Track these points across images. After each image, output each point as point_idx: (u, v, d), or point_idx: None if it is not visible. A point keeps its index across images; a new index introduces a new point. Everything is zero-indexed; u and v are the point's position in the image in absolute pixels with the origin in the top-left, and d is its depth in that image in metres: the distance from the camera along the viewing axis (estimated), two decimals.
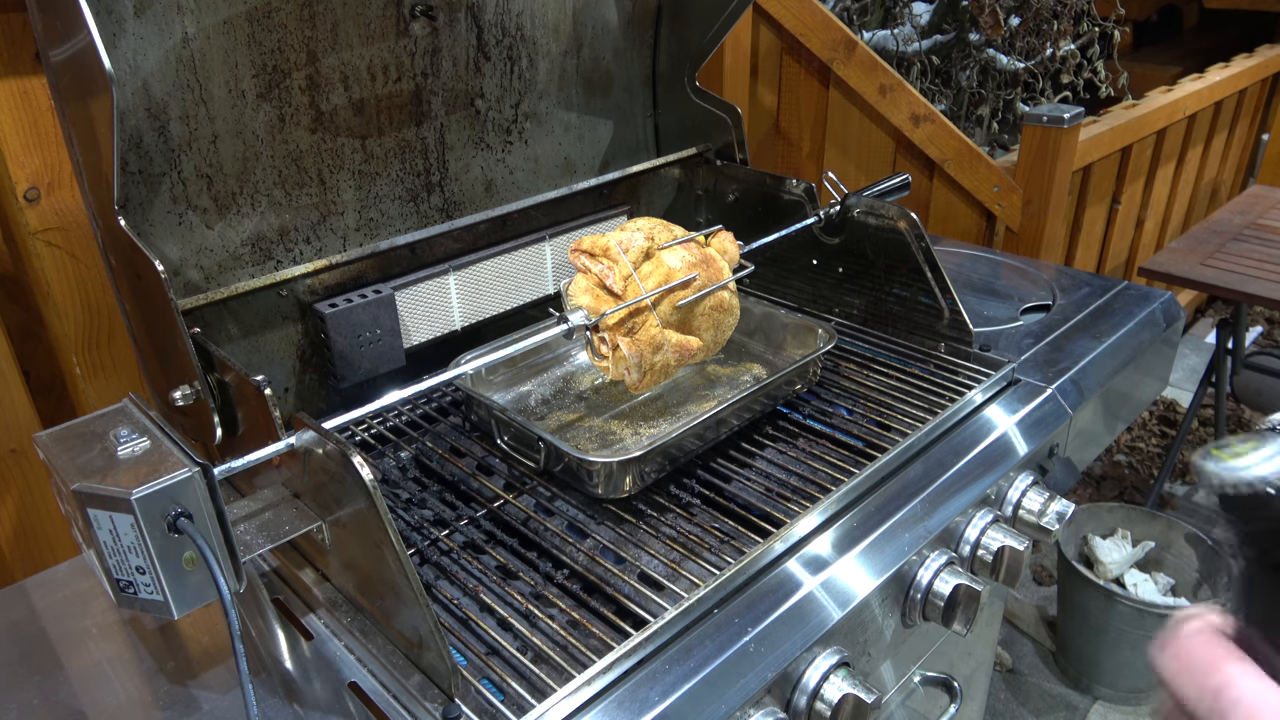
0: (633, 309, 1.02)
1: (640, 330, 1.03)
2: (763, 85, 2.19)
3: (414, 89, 1.16)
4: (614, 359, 1.04)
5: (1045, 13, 2.82)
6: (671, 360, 1.06)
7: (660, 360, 1.05)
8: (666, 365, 1.06)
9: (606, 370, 1.07)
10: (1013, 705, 2.19)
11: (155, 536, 0.70)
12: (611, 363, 1.05)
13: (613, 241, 1.05)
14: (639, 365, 1.03)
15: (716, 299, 1.10)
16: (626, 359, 1.03)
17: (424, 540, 0.96)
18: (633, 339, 1.02)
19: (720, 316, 1.11)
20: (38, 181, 1.09)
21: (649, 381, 1.06)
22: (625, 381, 1.06)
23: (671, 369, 1.07)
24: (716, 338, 1.12)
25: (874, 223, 1.26)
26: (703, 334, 1.10)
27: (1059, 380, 1.20)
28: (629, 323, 1.02)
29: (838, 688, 0.80)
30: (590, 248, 1.06)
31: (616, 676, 0.77)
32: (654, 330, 1.04)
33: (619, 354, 1.03)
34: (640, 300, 1.02)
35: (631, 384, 1.06)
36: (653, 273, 1.04)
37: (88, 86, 0.79)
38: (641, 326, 1.03)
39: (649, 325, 1.03)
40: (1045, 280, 1.53)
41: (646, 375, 1.05)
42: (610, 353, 1.04)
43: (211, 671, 0.84)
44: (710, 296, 1.09)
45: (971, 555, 1.00)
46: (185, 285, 1.03)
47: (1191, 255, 2.65)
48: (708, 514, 0.98)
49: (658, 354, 1.04)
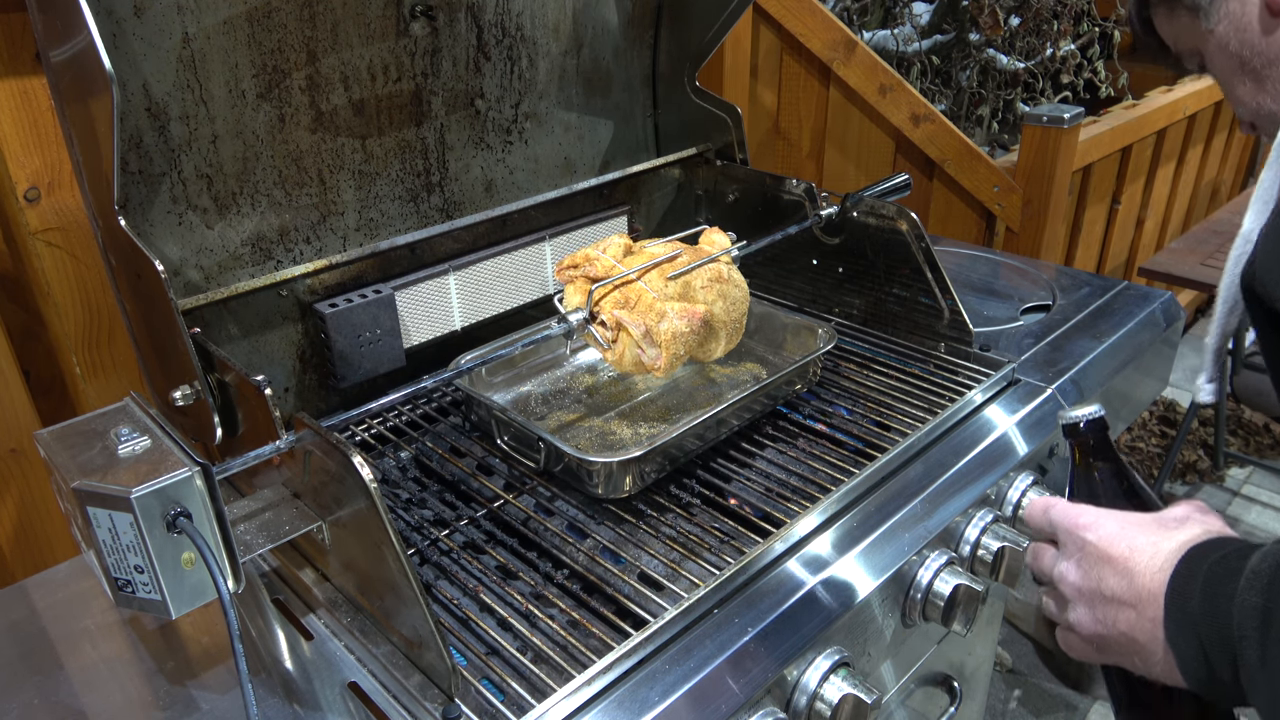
0: (622, 283, 1.03)
1: (638, 303, 1.02)
2: (763, 85, 2.19)
3: (414, 89, 1.16)
4: (622, 341, 1.02)
5: (1045, 13, 2.82)
6: (682, 327, 1.02)
7: (669, 329, 1.01)
8: (679, 333, 1.02)
9: (621, 362, 1.04)
10: (1013, 705, 2.19)
11: (154, 536, 0.70)
12: (622, 347, 1.02)
13: (591, 250, 1.07)
14: (648, 336, 1.01)
15: (714, 271, 1.08)
16: (632, 332, 1.00)
17: (424, 540, 0.96)
18: (632, 310, 1.01)
19: (724, 288, 1.09)
20: (38, 181, 1.08)
21: (668, 356, 1.02)
22: (645, 362, 1.02)
23: (687, 337, 1.03)
24: (728, 310, 1.09)
25: (874, 223, 1.26)
26: (712, 307, 1.07)
27: (1059, 380, 1.20)
28: (623, 298, 1.02)
29: (838, 688, 0.80)
30: (572, 260, 1.07)
31: (616, 676, 0.77)
32: (650, 299, 1.02)
33: (624, 333, 1.01)
34: (626, 275, 1.03)
35: (651, 362, 1.02)
36: (635, 261, 1.06)
37: (88, 86, 0.79)
38: (638, 300, 1.02)
39: (644, 296, 1.02)
40: (1045, 280, 1.53)
41: (663, 348, 1.01)
42: (616, 334, 1.02)
43: (211, 671, 0.84)
44: (707, 269, 1.08)
45: (971, 555, 1.00)
46: (185, 285, 1.03)
47: (1191, 255, 2.65)
48: (708, 514, 0.98)
49: (664, 321, 1.01)
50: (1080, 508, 0.72)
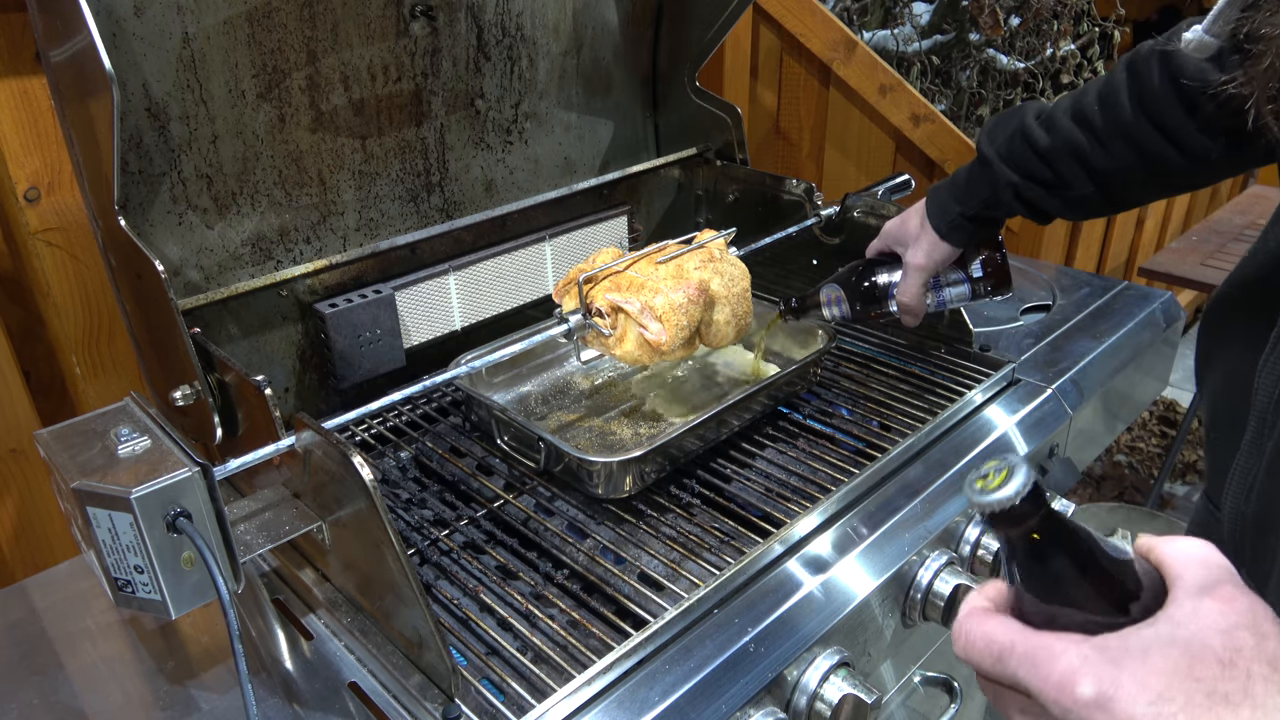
0: (610, 273, 1.04)
1: (630, 286, 1.02)
2: (763, 85, 2.19)
3: (414, 89, 1.16)
4: (622, 324, 1.01)
5: (1045, 13, 2.82)
6: (679, 298, 1.00)
7: (665, 302, 1.00)
8: (677, 304, 1.00)
9: (626, 346, 1.01)
10: None
11: (154, 536, 0.70)
12: (623, 330, 1.01)
13: (582, 264, 1.08)
14: (647, 311, 0.99)
15: (705, 254, 1.08)
16: (629, 310, 1.00)
17: (424, 540, 0.96)
18: (625, 290, 1.01)
19: (718, 265, 1.07)
20: (38, 181, 1.08)
21: (672, 328, 1.00)
22: (649, 339, 1.00)
23: (686, 307, 1.01)
24: (727, 286, 1.07)
25: (874, 223, 1.25)
26: (708, 281, 1.06)
27: (1059, 380, 1.20)
28: (615, 286, 1.02)
29: (838, 688, 0.80)
30: (565, 279, 1.08)
31: (616, 676, 0.77)
32: (642, 281, 1.02)
33: (623, 315, 1.00)
34: (614, 265, 1.04)
35: (656, 338, 0.99)
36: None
37: (88, 86, 0.79)
38: (629, 283, 1.02)
39: (635, 280, 1.02)
40: (1045, 280, 1.53)
41: (664, 321, 0.99)
42: (615, 319, 1.01)
43: (211, 671, 0.84)
44: (698, 253, 1.08)
45: (971, 555, 1.00)
46: (185, 285, 1.03)
47: (1191, 255, 2.65)
48: (708, 514, 0.98)
49: (659, 296, 1.00)
50: (1061, 659, 0.44)
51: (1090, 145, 0.89)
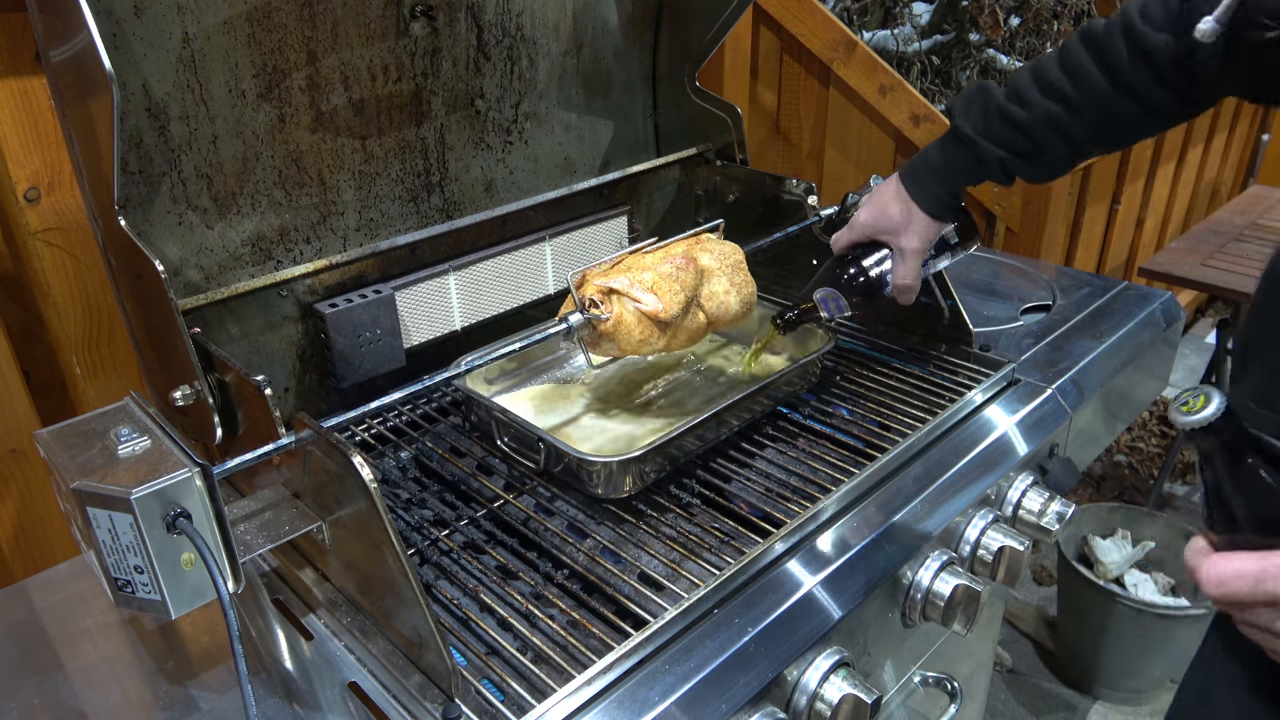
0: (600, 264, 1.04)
1: (617, 267, 1.02)
2: (763, 85, 2.19)
3: (414, 89, 1.16)
4: (617, 305, 1.00)
5: (1045, 13, 2.82)
6: (668, 269, 1.00)
7: (653, 276, 1.00)
8: (667, 274, 1.00)
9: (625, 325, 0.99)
10: (1013, 705, 2.19)
11: (154, 536, 0.70)
12: (620, 309, 0.99)
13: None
14: (635, 284, 0.99)
15: (698, 238, 1.09)
16: (619, 287, 0.99)
17: (424, 540, 0.96)
18: (616, 272, 1.01)
19: (706, 244, 1.08)
20: (38, 181, 1.09)
21: (667, 296, 0.99)
22: (646, 311, 0.99)
23: (678, 275, 1.01)
24: (718, 260, 1.08)
25: None
26: (697, 256, 1.06)
27: (1059, 380, 1.20)
28: (605, 276, 1.02)
29: (838, 688, 0.80)
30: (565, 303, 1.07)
31: (616, 676, 0.77)
32: (628, 266, 1.02)
33: (615, 296, 1.00)
34: (602, 261, 1.04)
35: (653, 308, 0.99)
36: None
37: (88, 86, 0.79)
38: (618, 272, 1.03)
39: (623, 268, 1.02)
40: (1045, 280, 1.53)
41: (658, 291, 0.99)
42: (609, 301, 1.00)
43: (211, 671, 0.84)
44: (684, 239, 1.08)
45: (971, 555, 1.00)
46: (185, 285, 1.03)
47: (1191, 255, 2.65)
48: (708, 514, 0.98)
49: (647, 272, 1.01)
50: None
51: (1068, 115, 0.98)
